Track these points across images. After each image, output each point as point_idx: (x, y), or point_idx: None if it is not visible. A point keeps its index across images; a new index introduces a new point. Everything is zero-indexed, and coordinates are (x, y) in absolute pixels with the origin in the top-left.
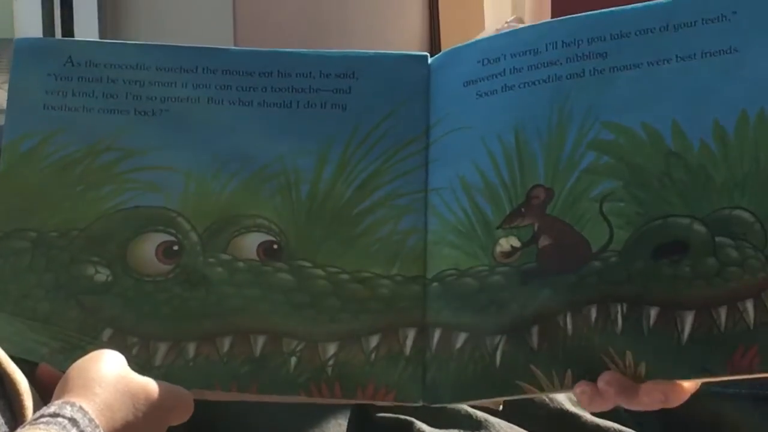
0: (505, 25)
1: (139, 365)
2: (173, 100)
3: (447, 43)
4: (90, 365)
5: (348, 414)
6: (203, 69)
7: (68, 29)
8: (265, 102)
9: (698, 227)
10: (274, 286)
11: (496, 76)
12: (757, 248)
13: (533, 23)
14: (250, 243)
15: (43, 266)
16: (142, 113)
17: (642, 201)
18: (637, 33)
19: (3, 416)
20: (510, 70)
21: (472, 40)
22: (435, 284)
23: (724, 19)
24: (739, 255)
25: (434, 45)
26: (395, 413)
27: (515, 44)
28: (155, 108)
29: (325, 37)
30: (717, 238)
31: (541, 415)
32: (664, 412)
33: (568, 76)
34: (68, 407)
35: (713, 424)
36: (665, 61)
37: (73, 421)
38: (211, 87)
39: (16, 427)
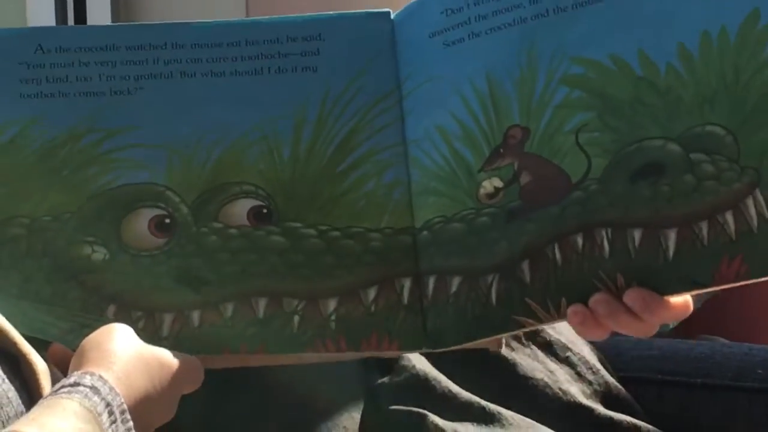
0: None
1: (146, 337)
2: (146, 77)
3: None
4: (102, 338)
5: (361, 407)
6: (172, 45)
7: (81, 20)
8: (236, 71)
9: (672, 147)
10: (268, 249)
11: (462, 25)
12: (732, 160)
13: None
14: (240, 209)
15: (41, 251)
16: (118, 93)
17: (616, 128)
18: None
19: (20, 396)
20: (475, 17)
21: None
22: (424, 233)
23: None
24: (714, 169)
25: None
26: (408, 405)
27: None
28: (130, 87)
29: None
30: (692, 155)
31: (554, 407)
32: (680, 407)
33: (533, 17)
34: (88, 377)
35: (726, 418)
36: None
37: (95, 389)
38: (182, 61)
39: (31, 404)
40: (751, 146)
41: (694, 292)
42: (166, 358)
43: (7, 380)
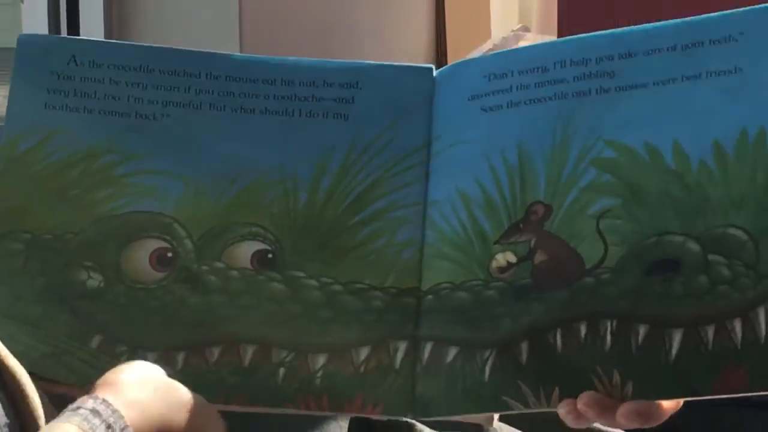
0: (511, 33)
1: None
2: (175, 104)
3: (453, 50)
4: (119, 369)
5: (349, 417)
6: (206, 75)
7: (74, 30)
8: (267, 110)
9: (691, 245)
10: (266, 295)
11: (503, 92)
12: (749, 266)
13: (540, 33)
14: (245, 251)
15: (37, 269)
16: (143, 117)
17: (639, 219)
18: (645, 53)
19: (3, 407)
20: (517, 86)
21: (479, 55)
22: (429, 297)
23: (731, 39)
24: (730, 273)
25: (440, 51)
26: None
27: (523, 61)
28: (156, 112)
29: (330, 41)
30: (710, 256)
31: (545, 418)
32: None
33: (574, 94)
34: (90, 400)
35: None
36: (671, 81)
37: (95, 412)
38: (213, 93)
39: (17, 417)
40: None
41: (689, 399)
42: (181, 390)
43: None
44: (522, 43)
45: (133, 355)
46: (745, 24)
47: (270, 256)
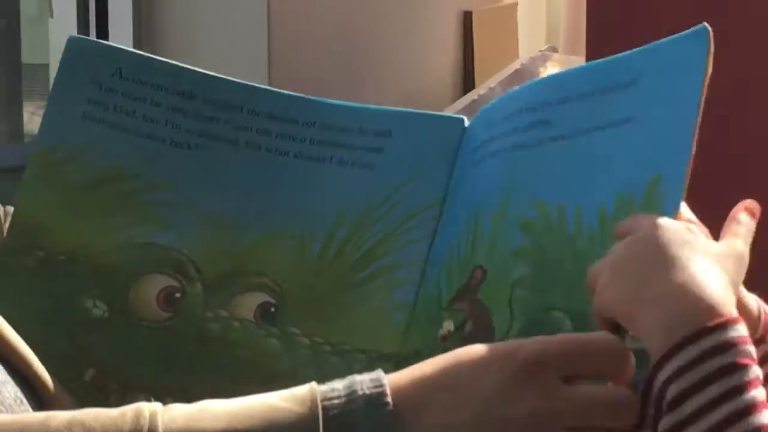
0: (539, 53)
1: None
2: (211, 137)
3: (481, 70)
4: None
5: None
6: (248, 110)
7: (104, 35)
8: (300, 154)
9: (566, 323)
10: (261, 350)
11: (484, 144)
12: None
13: (567, 53)
14: (251, 302)
15: (45, 291)
16: (177, 145)
17: (540, 289)
18: (577, 97)
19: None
20: (488, 138)
21: (497, 99)
22: (404, 363)
23: (630, 84)
24: None
25: (468, 72)
26: None
27: (496, 109)
28: (191, 142)
29: (359, 63)
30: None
31: None
32: None
33: (518, 146)
34: None
35: None
36: (586, 131)
37: None
38: (252, 130)
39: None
40: None
41: None
42: None
43: (25, 401)
44: (549, 64)
45: (123, 394)
46: (643, 65)
47: (273, 310)
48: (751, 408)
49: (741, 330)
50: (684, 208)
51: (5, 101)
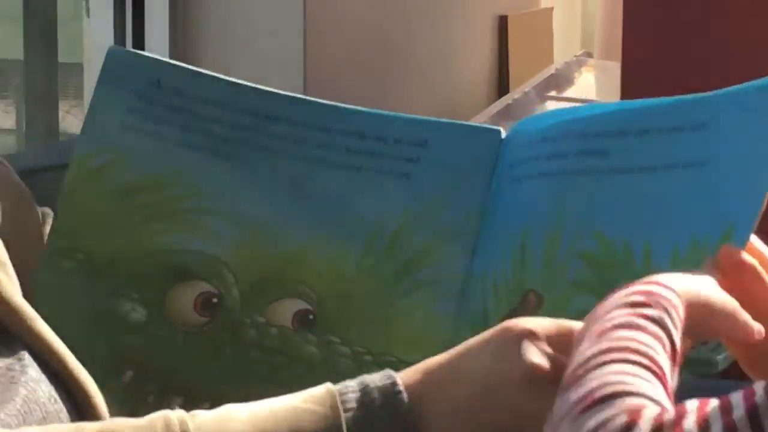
0: (574, 58)
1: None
2: (250, 146)
3: (515, 76)
4: None
5: None
6: (285, 120)
7: (140, 44)
8: (336, 163)
9: None
10: (299, 357)
11: (526, 161)
12: None
13: (602, 59)
14: (288, 309)
15: (85, 293)
16: (215, 154)
17: None
18: (637, 134)
19: (71, 418)
20: (531, 156)
21: (533, 115)
22: None
23: (703, 127)
24: None
25: (503, 77)
26: None
27: (542, 130)
28: (230, 152)
29: (393, 67)
30: None
31: None
32: None
33: (566, 172)
34: None
35: None
36: (652, 169)
37: None
38: (289, 140)
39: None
40: None
41: None
42: None
43: (59, 400)
44: (584, 69)
45: (161, 397)
46: (716, 109)
47: (311, 317)
48: None
49: None
50: (755, 240)
51: (42, 100)
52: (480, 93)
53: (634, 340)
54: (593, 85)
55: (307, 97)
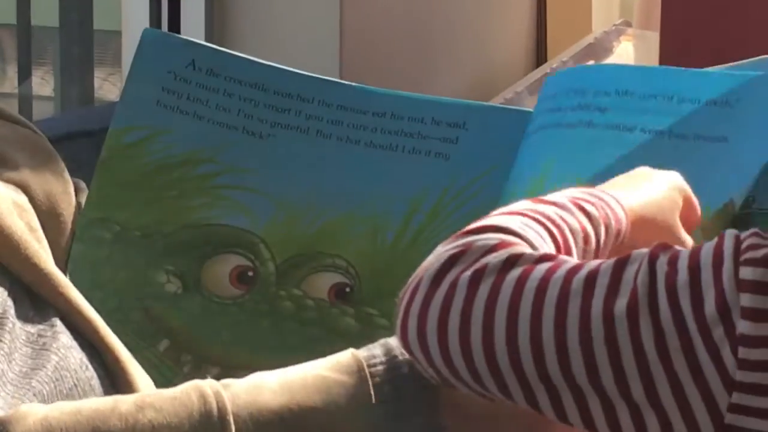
0: (613, 28)
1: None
2: (283, 126)
3: (553, 45)
4: None
5: None
6: (319, 101)
7: (175, 22)
8: (372, 143)
9: None
10: (337, 329)
11: (536, 117)
12: None
13: (641, 28)
14: (324, 282)
15: (120, 263)
16: (250, 133)
17: None
18: (645, 96)
19: (102, 384)
20: (541, 111)
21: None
22: None
23: (726, 104)
24: None
25: (540, 46)
26: None
27: (549, 86)
28: (264, 131)
29: (430, 36)
30: None
31: None
32: None
33: (565, 124)
34: None
35: None
36: (665, 134)
37: None
38: (323, 120)
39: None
40: None
41: None
42: None
43: (90, 367)
44: (623, 38)
45: (196, 367)
46: (742, 91)
47: (348, 290)
48: None
49: None
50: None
51: (77, 68)
52: (518, 62)
53: (555, 214)
54: (632, 54)
55: (342, 81)
